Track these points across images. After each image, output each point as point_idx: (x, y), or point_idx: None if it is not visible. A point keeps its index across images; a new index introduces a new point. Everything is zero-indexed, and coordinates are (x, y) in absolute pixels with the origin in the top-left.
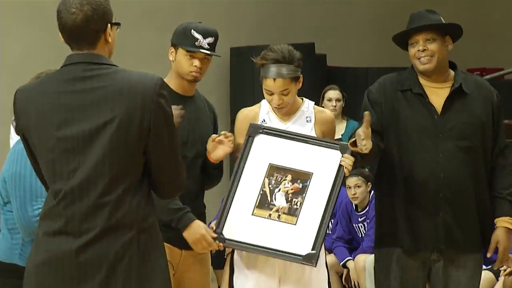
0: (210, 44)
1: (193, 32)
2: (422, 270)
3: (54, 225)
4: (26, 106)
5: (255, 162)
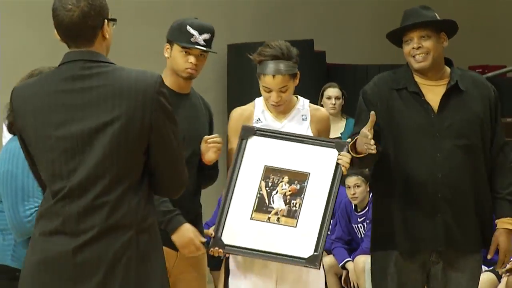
0: (206, 40)
1: (188, 28)
2: (420, 273)
3: (50, 224)
4: (23, 105)
5: (250, 165)
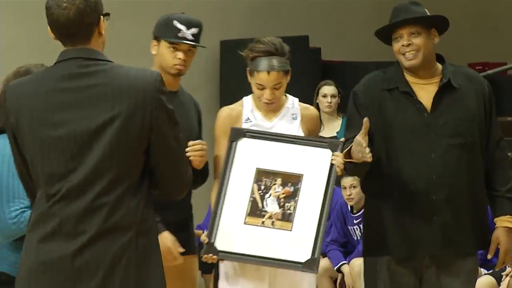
0: (194, 35)
1: (175, 23)
2: (413, 277)
3: (47, 227)
4: (18, 103)
5: (241, 168)
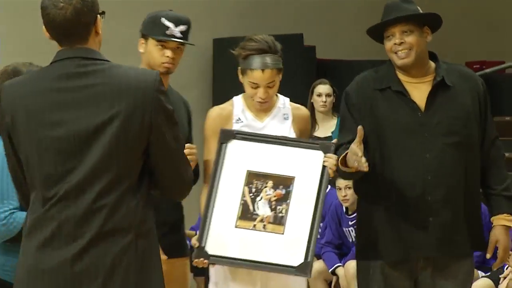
0: (183, 32)
1: (163, 20)
2: (408, 279)
3: (45, 232)
4: (13, 103)
5: (232, 170)
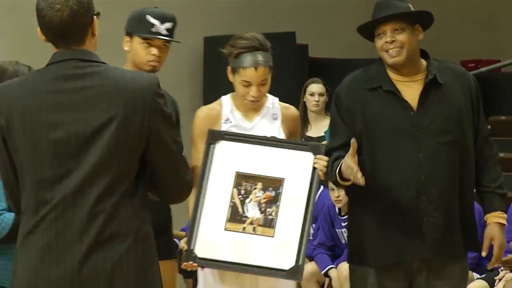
0: (169, 29)
1: (148, 17)
2: (403, 282)
3: (42, 240)
4: (9, 105)
5: (220, 171)
